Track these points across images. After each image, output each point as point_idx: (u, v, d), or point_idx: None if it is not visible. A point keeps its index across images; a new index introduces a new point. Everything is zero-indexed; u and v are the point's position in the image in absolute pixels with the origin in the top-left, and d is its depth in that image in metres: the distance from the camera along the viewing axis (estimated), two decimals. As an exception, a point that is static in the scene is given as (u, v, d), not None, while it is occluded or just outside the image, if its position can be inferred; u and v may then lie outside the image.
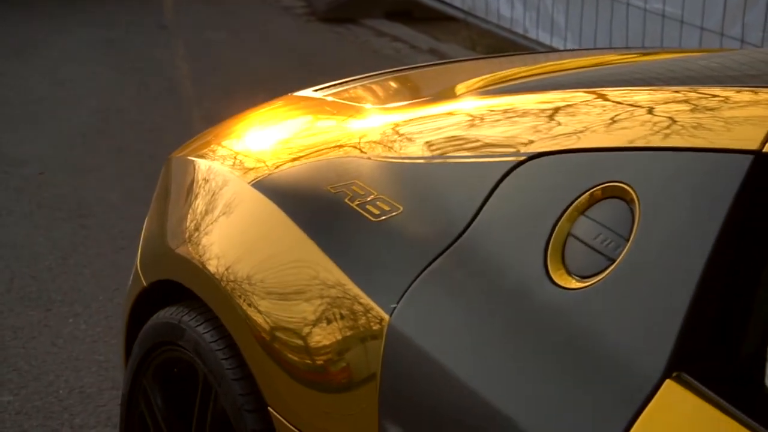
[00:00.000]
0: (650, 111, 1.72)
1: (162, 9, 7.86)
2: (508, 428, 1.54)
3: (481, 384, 1.60)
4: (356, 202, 1.91)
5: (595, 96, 1.87)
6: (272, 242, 2.01)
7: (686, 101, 1.73)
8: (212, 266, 2.07)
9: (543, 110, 1.87)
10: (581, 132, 1.74)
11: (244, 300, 1.97)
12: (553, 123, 1.81)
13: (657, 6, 5.40)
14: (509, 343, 1.61)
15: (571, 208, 1.64)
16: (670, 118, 1.67)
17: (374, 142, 2.04)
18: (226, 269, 2.04)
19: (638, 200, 1.56)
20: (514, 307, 1.63)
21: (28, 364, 3.41)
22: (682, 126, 1.63)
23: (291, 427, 1.89)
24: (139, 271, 2.36)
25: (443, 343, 1.68)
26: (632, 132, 1.67)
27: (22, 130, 5.46)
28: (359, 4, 7.74)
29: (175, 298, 2.24)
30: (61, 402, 3.22)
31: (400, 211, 1.86)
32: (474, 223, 1.74)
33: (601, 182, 1.62)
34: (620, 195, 1.59)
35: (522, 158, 1.75)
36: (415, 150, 1.95)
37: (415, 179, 1.89)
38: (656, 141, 1.62)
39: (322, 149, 2.12)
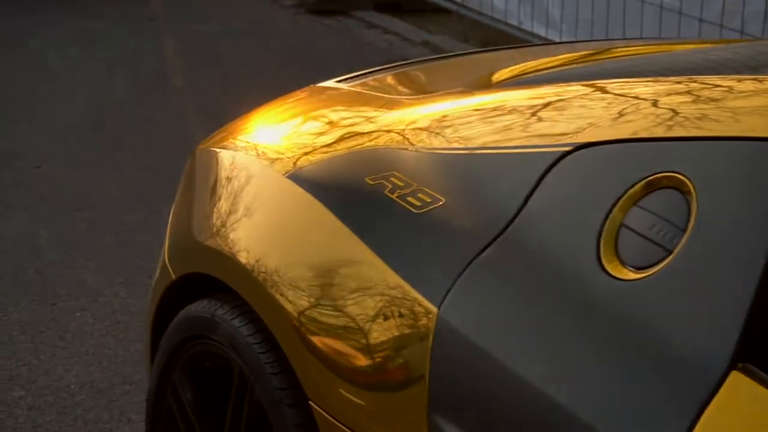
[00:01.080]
0: (704, 100, 1.71)
1: (150, 1, 7.81)
2: (564, 422, 1.53)
3: (534, 377, 1.58)
4: (396, 194, 1.89)
5: (643, 85, 1.85)
6: (311, 234, 1.99)
7: (743, 90, 1.71)
8: (247, 258, 2.04)
9: (588, 99, 1.86)
10: (631, 121, 1.72)
11: (283, 293, 1.95)
12: (600, 112, 1.79)
13: (655, -3, 5.40)
14: (564, 335, 1.59)
15: (623, 198, 1.62)
16: (724, 106, 1.66)
17: (412, 133, 2.01)
18: (262, 261, 2.01)
19: (695, 190, 1.54)
20: (567, 299, 1.61)
21: (37, 359, 3.37)
22: (738, 114, 1.62)
23: (334, 421, 1.86)
24: (168, 265, 2.32)
25: (494, 335, 1.65)
26: (686, 122, 1.65)
27: (14, 124, 5.42)
28: (348, -4, 7.72)
29: (205, 292, 2.21)
30: (72, 397, 3.18)
31: (442, 203, 1.83)
32: (521, 213, 1.72)
33: (655, 172, 1.60)
34: (675, 185, 1.57)
35: (569, 148, 1.73)
36: (456, 141, 1.92)
37: (457, 170, 1.87)
38: (712, 130, 1.61)
39: (357, 140, 2.09)
